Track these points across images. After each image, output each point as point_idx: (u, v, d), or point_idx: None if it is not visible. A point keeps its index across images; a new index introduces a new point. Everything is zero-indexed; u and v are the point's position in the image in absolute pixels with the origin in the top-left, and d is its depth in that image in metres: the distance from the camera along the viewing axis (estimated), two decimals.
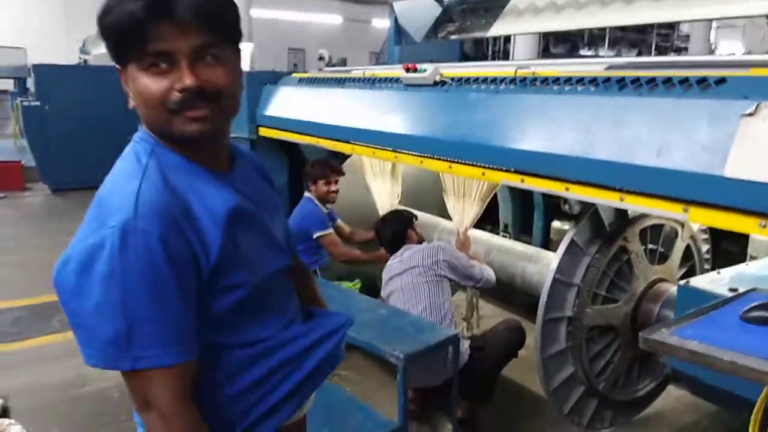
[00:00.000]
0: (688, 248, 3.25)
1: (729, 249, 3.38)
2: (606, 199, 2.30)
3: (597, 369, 3.01)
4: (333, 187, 4.12)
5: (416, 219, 3.62)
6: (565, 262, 2.82)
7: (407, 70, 3.42)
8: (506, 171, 2.71)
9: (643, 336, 1.16)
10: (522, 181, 2.65)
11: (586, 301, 2.85)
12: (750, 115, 1.87)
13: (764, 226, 1.85)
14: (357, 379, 3.65)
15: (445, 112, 3.17)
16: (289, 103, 4.83)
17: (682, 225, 3.10)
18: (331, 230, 4.03)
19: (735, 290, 2.31)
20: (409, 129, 3.34)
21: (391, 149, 3.49)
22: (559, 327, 2.91)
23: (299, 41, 19.48)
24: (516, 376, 3.61)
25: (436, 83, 3.33)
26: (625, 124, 2.27)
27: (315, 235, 3.95)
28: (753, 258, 3.18)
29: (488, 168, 2.82)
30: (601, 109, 2.39)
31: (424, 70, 3.34)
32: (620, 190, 2.25)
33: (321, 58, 5.13)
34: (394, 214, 3.59)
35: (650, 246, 3.05)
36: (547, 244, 4.59)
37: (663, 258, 3.10)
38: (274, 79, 5.20)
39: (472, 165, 2.90)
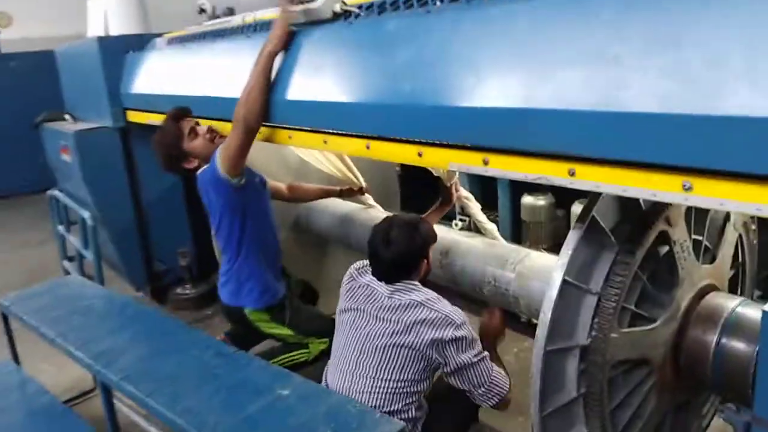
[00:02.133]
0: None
1: None
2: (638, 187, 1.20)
3: (620, 426, 1.97)
4: (202, 135, 2.55)
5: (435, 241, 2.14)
6: (578, 256, 1.72)
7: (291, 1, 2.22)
8: (467, 148, 1.59)
9: None
10: (485, 163, 1.53)
11: (610, 321, 1.77)
12: None
13: None
14: None
15: (355, 59, 2.00)
16: (162, 73, 3.58)
17: None
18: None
19: None
20: (305, 93, 2.17)
21: (287, 126, 2.34)
22: (566, 363, 1.84)
23: None
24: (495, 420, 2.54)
25: (336, 15, 2.15)
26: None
27: (219, 171, 2.36)
28: None
29: (428, 145, 1.69)
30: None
31: None
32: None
33: (202, 11, 3.90)
34: (407, 224, 2.04)
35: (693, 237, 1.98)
36: (518, 228, 3.51)
37: (707, 254, 2.04)
38: (140, 43, 3.91)
39: (403, 141, 1.77)
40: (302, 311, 2.73)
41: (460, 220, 3.74)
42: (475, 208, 2.65)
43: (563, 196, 3.44)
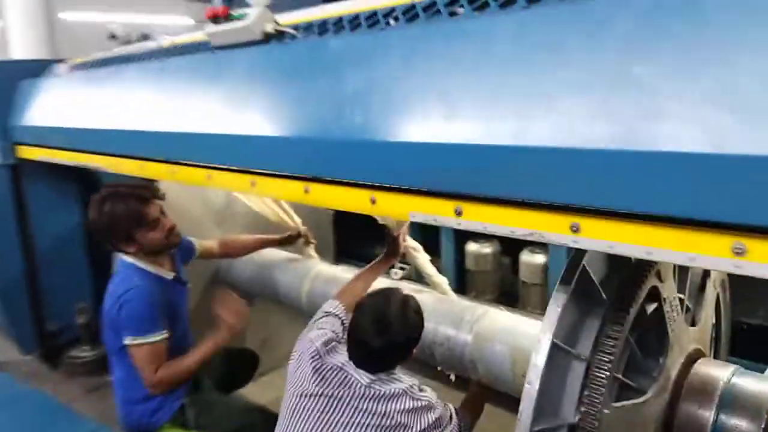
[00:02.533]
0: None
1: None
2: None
3: None
4: (167, 224, 2.15)
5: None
6: (563, 315, 1.43)
7: (214, 19, 1.90)
8: (434, 195, 1.29)
9: None
10: (458, 213, 1.24)
11: (603, 394, 1.48)
12: None
13: None
14: None
15: (291, 86, 1.68)
16: (62, 104, 3.12)
17: None
18: (157, 337, 2.05)
19: None
20: (229, 126, 1.83)
21: (207, 165, 1.98)
22: None
23: None
24: None
25: (267, 36, 1.83)
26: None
27: (126, 341, 2.05)
28: None
29: (383, 190, 1.39)
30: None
31: (243, 16, 1.83)
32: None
33: (113, 37, 3.50)
34: (402, 305, 1.68)
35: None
36: (463, 277, 3.24)
37: (687, 314, 1.82)
38: (37, 69, 3.44)
39: (351, 185, 1.46)
40: (213, 407, 2.26)
41: (400, 268, 3.44)
42: (423, 259, 2.35)
43: (510, 243, 3.22)
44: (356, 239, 3.90)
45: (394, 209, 1.38)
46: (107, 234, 2.10)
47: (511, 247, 3.19)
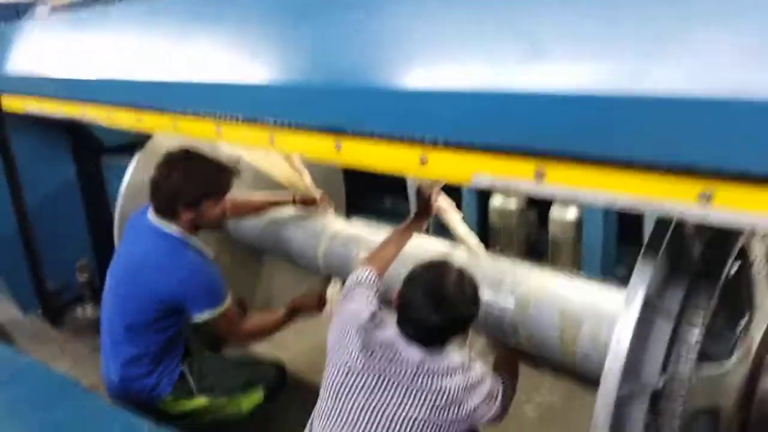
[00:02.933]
0: None
1: None
2: None
3: None
4: (224, 209, 2.09)
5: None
6: (660, 266, 1.26)
7: None
8: (506, 153, 1.07)
9: None
10: (539, 177, 1.02)
11: (691, 357, 1.33)
12: None
13: None
14: None
15: (312, 19, 1.43)
16: (46, 49, 2.85)
17: None
18: (229, 300, 2.03)
19: None
20: (242, 72, 1.58)
21: (216, 116, 1.74)
22: (631, 413, 1.36)
23: None
24: None
25: None
26: None
27: (203, 316, 1.98)
28: None
29: (436, 147, 1.16)
30: None
31: None
32: None
33: None
34: (460, 279, 1.56)
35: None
36: (486, 233, 3.04)
37: None
38: (16, 13, 3.13)
39: (395, 140, 1.24)
40: (214, 369, 2.18)
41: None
42: (456, 219, 2.15)
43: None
44: (369, 191, 3.69)
45: (452, 170, 1.17)
46: (178, 194, 1.96)
47: (538, 202, 2.99)
